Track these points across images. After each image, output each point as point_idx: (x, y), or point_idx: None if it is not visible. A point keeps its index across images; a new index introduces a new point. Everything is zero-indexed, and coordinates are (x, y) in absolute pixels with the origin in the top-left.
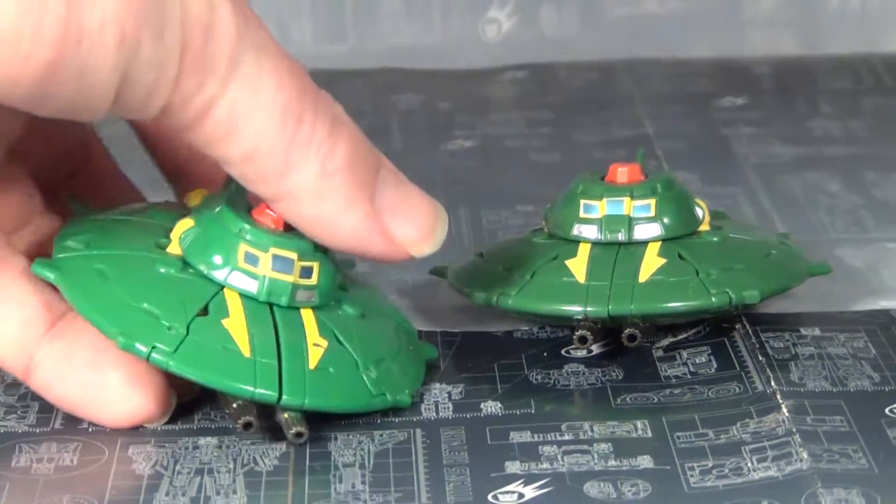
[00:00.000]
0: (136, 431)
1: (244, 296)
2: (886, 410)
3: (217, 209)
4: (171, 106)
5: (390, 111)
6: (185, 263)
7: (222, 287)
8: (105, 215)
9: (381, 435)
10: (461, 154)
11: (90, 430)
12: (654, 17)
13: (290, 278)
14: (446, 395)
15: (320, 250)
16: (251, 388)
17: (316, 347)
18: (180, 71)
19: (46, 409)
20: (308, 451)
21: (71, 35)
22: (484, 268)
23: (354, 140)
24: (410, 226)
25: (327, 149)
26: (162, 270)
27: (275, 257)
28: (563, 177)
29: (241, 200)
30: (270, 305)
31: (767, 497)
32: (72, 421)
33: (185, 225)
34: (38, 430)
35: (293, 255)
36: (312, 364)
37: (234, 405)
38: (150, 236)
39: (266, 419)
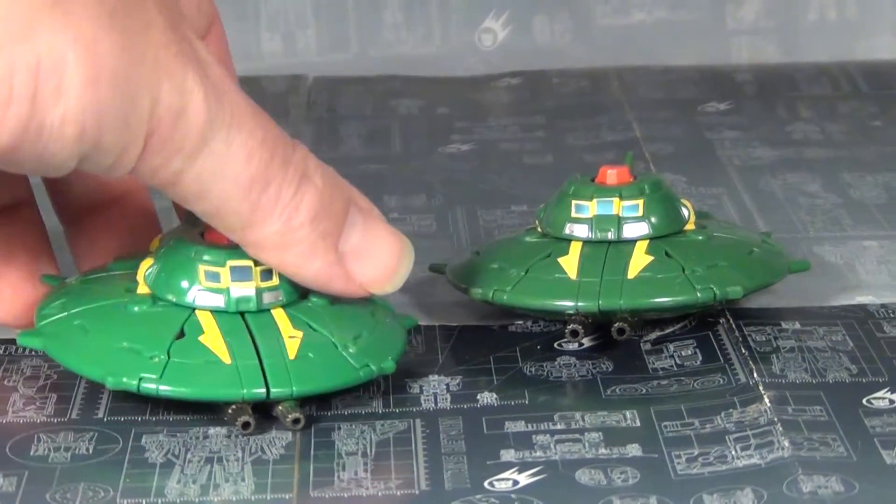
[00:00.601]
0: (149, 422)
1: (215, 312)
2: (863, 401)
3: (171, 242)
4: (137, 173)
5: (391, 116)
6: (154, 298)
7: (193, 309)
8: (75, 280)
9: (383, 425)
10: (458, 157)
11: (105, 420)
12: (643, 27)
13: (251, 285)
14: (444, 386)
15: None
16: (240, 391)
17: (292, 339)
18: (145, 151)
19: (64, 400)
20: (313, 440)
21: (31, 129)
22: (480, 265)
23: (321, 194)
24: (373, 267)
25: (292, 208)
26: (136, 309)
27: (232, 269)
28: (556, 178)
29: (193, 230)
30: (242, 314)
31: (750, 483)
32: (88, 411)
33: (146, 264)
34: (55, 421)
35: (249, 263)
36: (292, 355)
37: (230, 409)
38: (119, 285)
39: (264, 414)
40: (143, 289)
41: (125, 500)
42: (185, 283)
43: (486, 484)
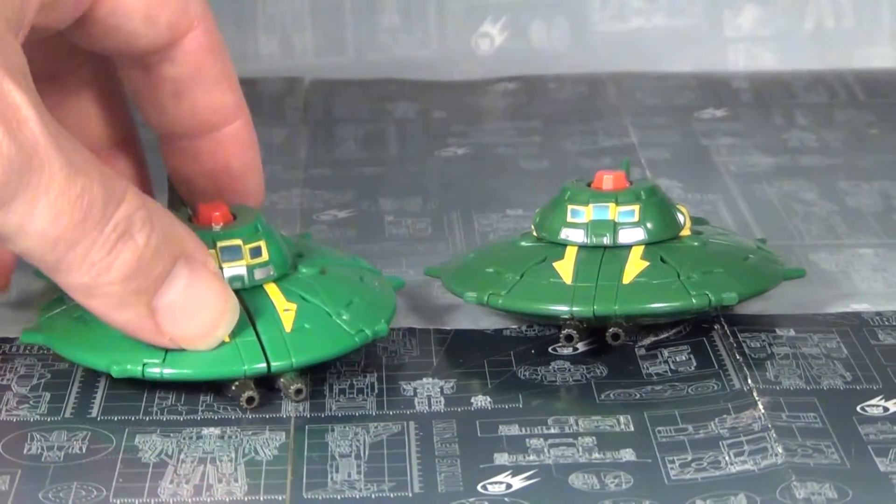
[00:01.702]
0: (142, 421)
1: None
2: (857, 408)
3: None
4: None
5: (388, 120)
6: None
7: None
8: None
9: (376, 427)
10: (455, 161)
11: (99, 419)
12: (640, 33)
13: (242, 263)
14: (438, 389)
15: (264, 228)
16: (241, 367)
17: (287, 312)
18: None
19: (57, 399)
20: (306, 441)
21: None
22: (476, 269)
23: (142, 252)
24: (188, 325)
25: (102, 267)
26: None
27: (222, 249)
28: (552, 183)
29: (181, 216)
30: (236, 292)
31: (744, 490)
32: (81, 411)
33: None
34: (49, 420)
35: (238, 242)
36: (288, 327)
37: (234, 387)
38: None
39: (268, 392)
40: None
41: (118, 500)
42: None
43: (479, 487)
